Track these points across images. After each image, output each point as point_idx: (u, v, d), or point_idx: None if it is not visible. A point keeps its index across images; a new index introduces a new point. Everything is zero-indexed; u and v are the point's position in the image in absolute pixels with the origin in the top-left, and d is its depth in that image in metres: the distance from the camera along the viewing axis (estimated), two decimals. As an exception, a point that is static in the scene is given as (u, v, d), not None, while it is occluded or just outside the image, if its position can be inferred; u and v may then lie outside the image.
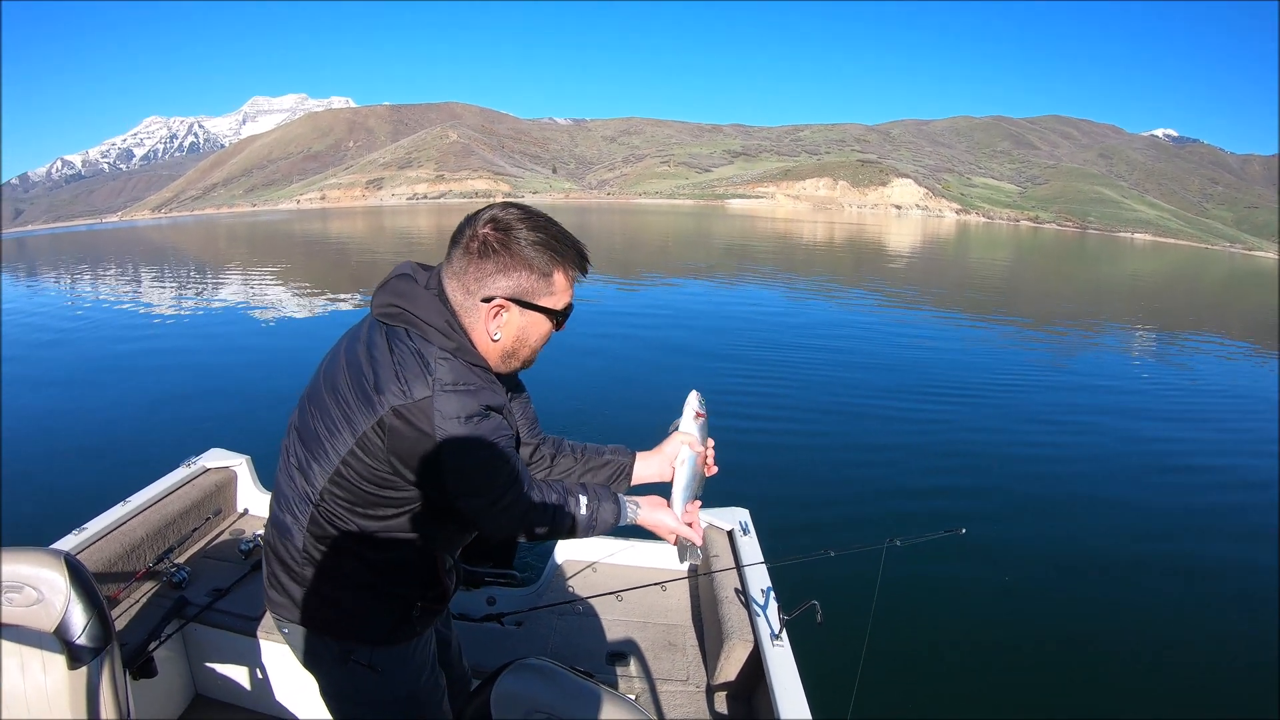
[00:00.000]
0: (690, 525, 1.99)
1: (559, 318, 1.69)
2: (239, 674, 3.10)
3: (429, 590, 1.88)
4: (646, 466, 2.11)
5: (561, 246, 1.62)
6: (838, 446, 9.18)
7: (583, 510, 1.81)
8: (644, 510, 1.95)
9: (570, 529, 1.80)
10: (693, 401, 2.10)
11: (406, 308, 1.61)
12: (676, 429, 2.11)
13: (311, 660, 1.90)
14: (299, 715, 3.10)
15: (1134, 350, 17.67)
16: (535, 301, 1.63)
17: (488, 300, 1.61)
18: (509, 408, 1.73)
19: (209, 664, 3.13)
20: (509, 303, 1.61)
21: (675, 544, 2.04)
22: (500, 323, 1.63)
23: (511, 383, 1.94)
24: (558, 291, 1.65)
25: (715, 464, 2.09)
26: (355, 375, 1.60)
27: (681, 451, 2.06)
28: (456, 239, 1.63)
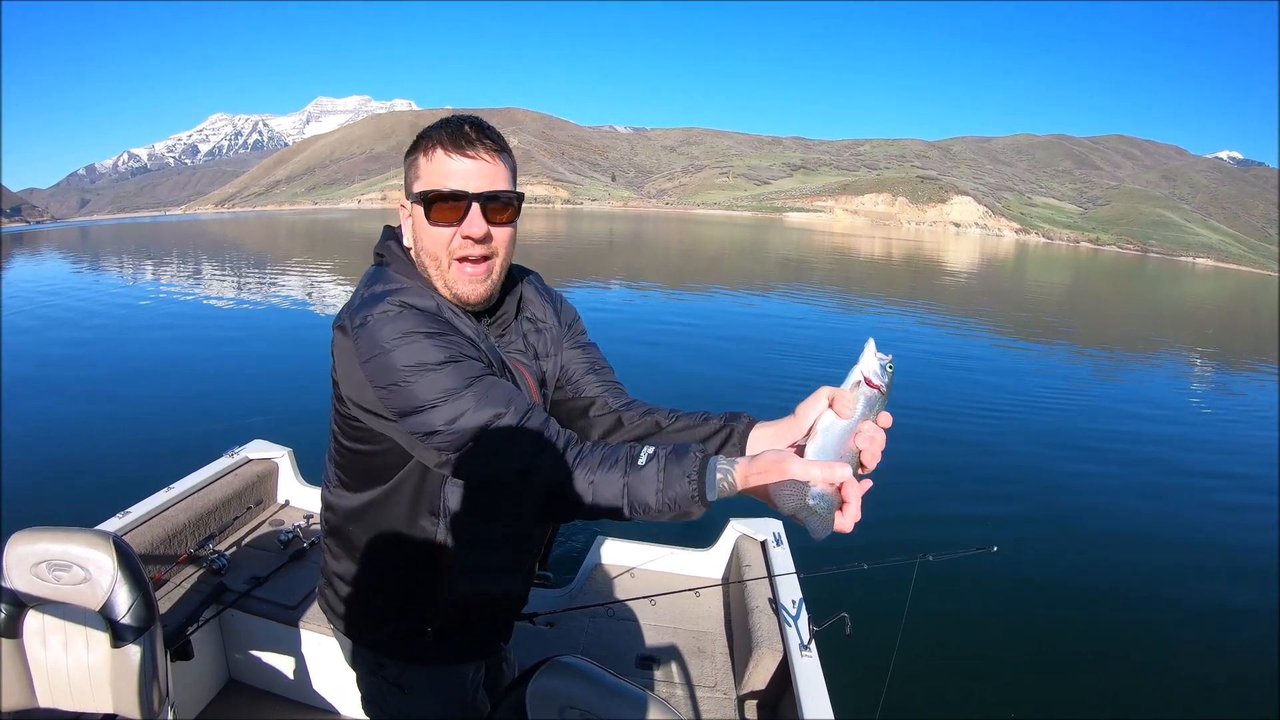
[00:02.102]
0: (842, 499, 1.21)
1: (423, 200, 1.42)
2: (272, 661, 3.14)
3: (428, 606, 1.65)
4: (770, 437, 1.41)
5: (431, 130, 1.46)
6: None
7: (641, 462, 1.23)
8: (750, 463, 1.19)
9: (618, 497, 1.23)
10: (868, 360, 1.31)
11: (377, 246, 1.58)
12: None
13: (350, 663, 1.83)
14: (330, 705, 3.15)
15: (1188, 377, 17.29)
16: (412, 190, 1.47)
17: (400, 205, 1.55)
18: (481, 332, 1.51)
19: (244, 650, 3.18)
20: (406, 202, 1.50)
21: (792, 509, 1.18)
22: (406, 229, 1.53)
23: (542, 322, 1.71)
24: (422, 173, 1.43)
25: (876, 456, 1.28)
26: None
27: (825, 416, 1.28)
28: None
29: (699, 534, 3.91)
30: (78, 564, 1.98)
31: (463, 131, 1.42)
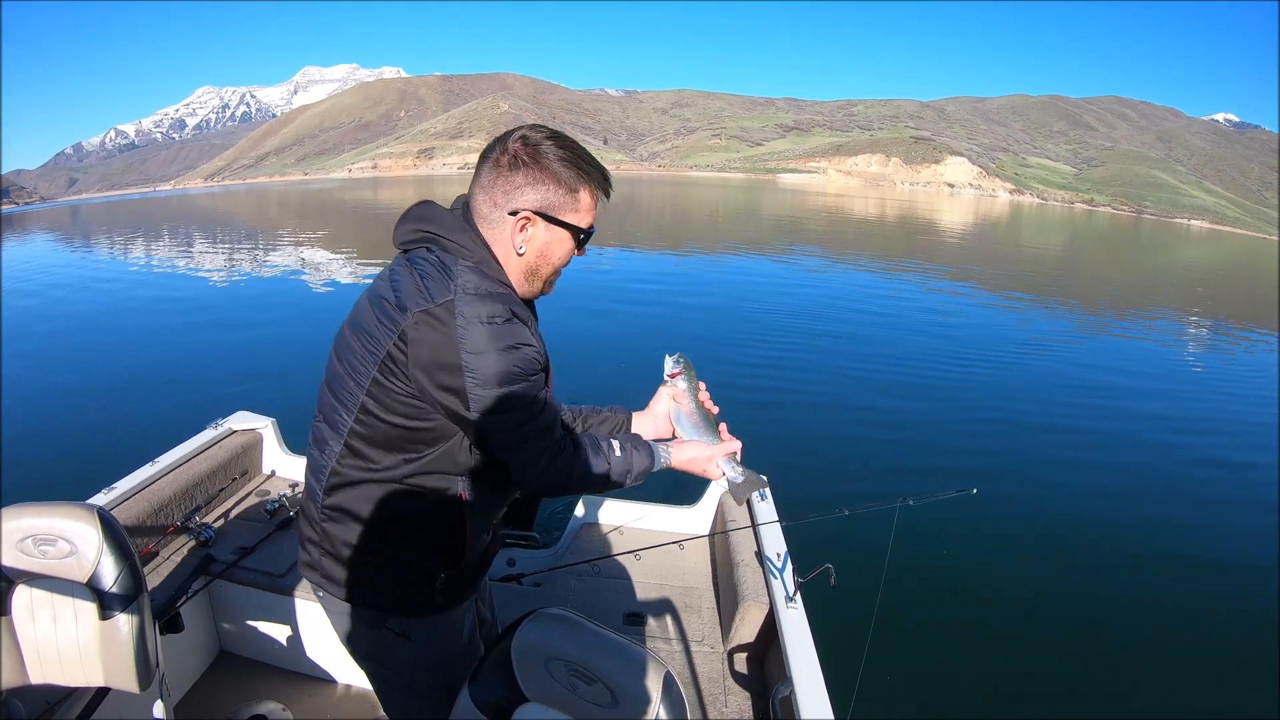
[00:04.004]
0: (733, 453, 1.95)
1: (582, 236, 1.65)
2: (263, 630, 3.16)
3: (452, 561, 1.77)
4: (642, 425, 2.07)
5: (588, 166, 1.60)
6: (856, 410, 9.51)
7: (616, 453, 1.75)
8: (675, 450, 1.88)
9: (605, 477, 1.73)
10: (667, 365, 2.06)
11: (428, 228, 1.61)
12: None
13: (343, 623, 1.86)
14: (322, 671, 3.17)
15: (1175, 337, 17.35)
16: (561, 216, 1.60)
17: (514, 213, 1.59)
18: (539, 334, 1.67)
19: (234, 620, 3.20)
20: (535, 216, 1.58)
21: (719, 477, 1.96)
22: (526, 236, 1.61)
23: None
24: (582, 209, 1.62)
25: (713, 403, 2.03)
26: (377, 304, 1.57)
27: (673, 406, 2.03)
28: (486, 156, 1.62)
29: (684, 491, 3.90)
30: (63, 537, 2.00)
31: (608, 183, 1.66)
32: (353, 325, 1.64)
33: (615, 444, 1.77)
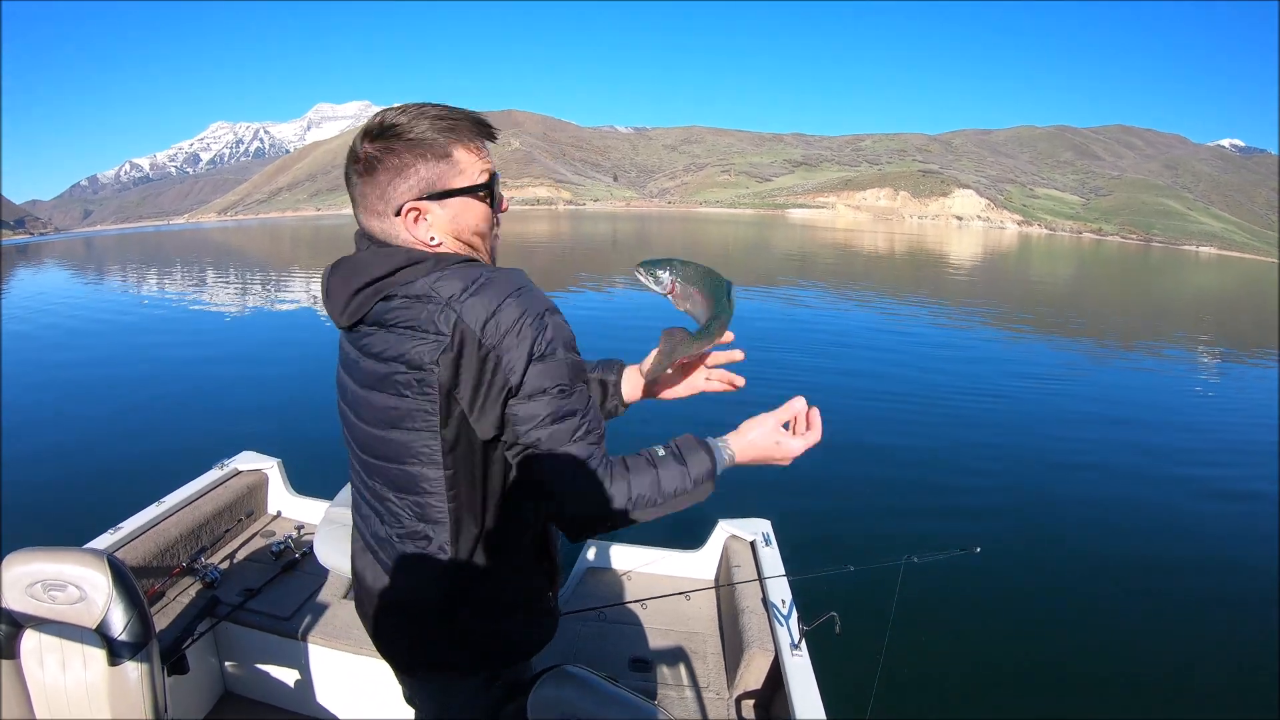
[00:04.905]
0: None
1: (482, 192, 1.46)
2: (268, 673, 3.15)
3: (548, 567, 1.68)
4: (632, 383, 1.87)
5: (446, 122, 1.40)
6: (861, 452, 9.34)
7: (674, 467, 1.44)
8: (735, 441, 1.57)
9: (671, 496, 1.43)
10: (657, 282, 1.70)
11: (367, 282, 1.41)
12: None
13: (445, 707, 1.71)
14: (326, 714, 3.14)
15: (1183, 366, 17.17)
16: (446, 187, 1.41)
17: (399, 213, 1.40)
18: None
19: (239, 662, 3.19)
20: (421, 203, 1.40)
21: (790, 459, 1.61)
22: (427, 225, 1.42)
23: None
24: (465, 167, 1.42)
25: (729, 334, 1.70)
26: (380, 380, 1.42)
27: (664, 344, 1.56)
28: (347, 177, 1.47)
29: (688, 535, 3.93)
30: (73, 583, 1.99)
31: (481, 123, 1.46)
32: (359, 416, 1.50)
33: (658, 449, 1.47)
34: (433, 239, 1.43)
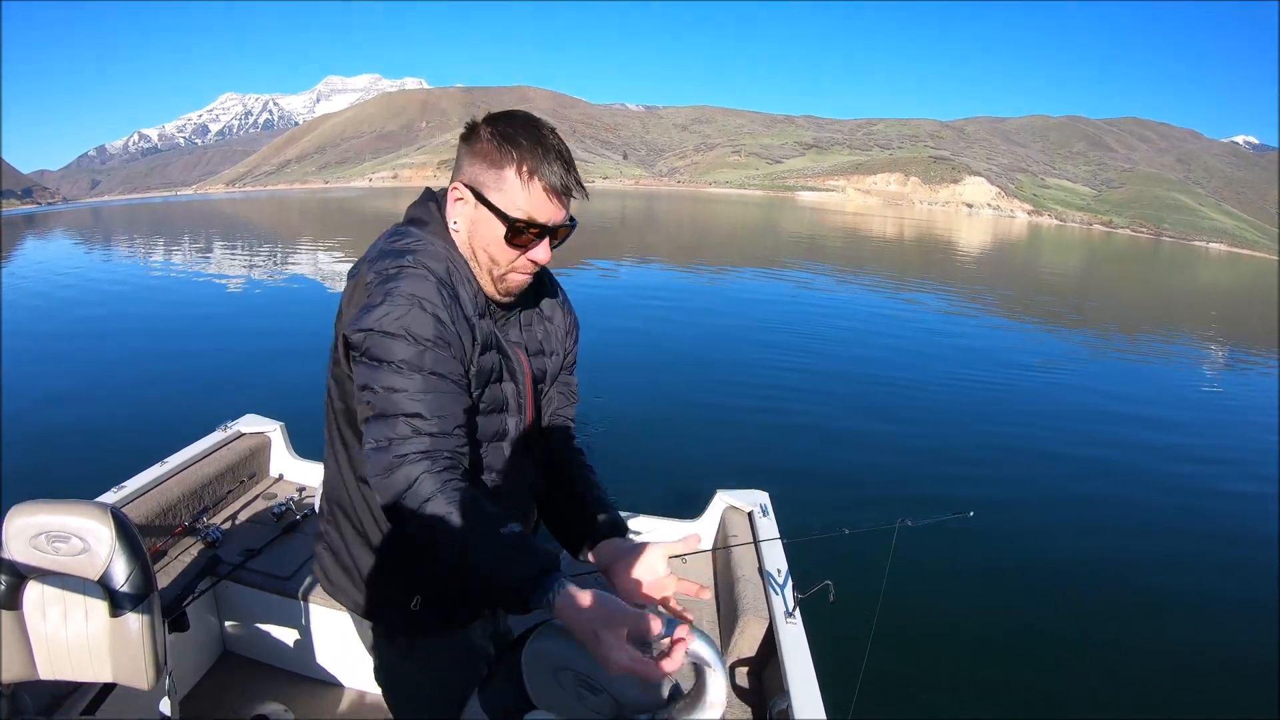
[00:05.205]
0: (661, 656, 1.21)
1: (510, 224, 1.41)
2: (267, 631, 3.19)
3: (431, 577, 1.63)
4: (605, 555, 1.62)
5: (524, 142, 1.37)
6: (861, 430, 9.53)
7: (504, 531, 1.28)
8: (575, 595, 1.24)
9: (453, 549, 1.27)
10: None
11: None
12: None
13: (359, 634, 1.80)
14: (325, 673, 3.19)
15: (1187, 362, 17.15)
16: (485, 195, 1.41)
17: (451, 185, 1.48)
18: (481, 307, 1.48)
19: (239, 621, 3.23)
20: (464, 189, 1.43)
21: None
22: (457, 211, 1.47)
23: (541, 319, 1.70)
24: (509, 191, 1.39)
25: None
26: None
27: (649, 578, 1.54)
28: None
29: (687, 505, 4.00)
30: (76, 535, 2.00)
31: (568, 176, 1.40)
32: None
33: (511, 527, 1.30)
34: (455, 224, 1.47)
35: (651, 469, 7.80)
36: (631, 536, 1.50)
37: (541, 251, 1.46)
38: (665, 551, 1.55)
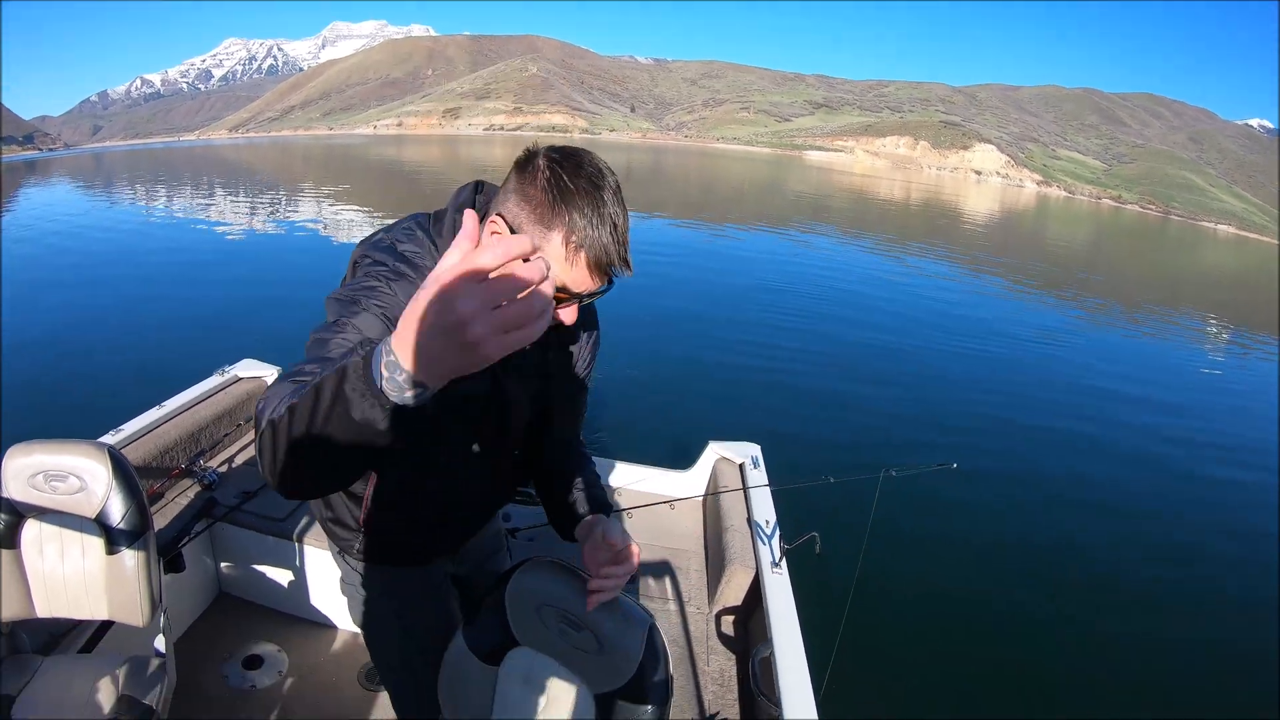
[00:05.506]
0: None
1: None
2: (262, 573, 3.22)
3: (364, 524, 1.68)
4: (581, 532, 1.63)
5: (580, 204, 1.17)
6: (852, 387, 9.79)
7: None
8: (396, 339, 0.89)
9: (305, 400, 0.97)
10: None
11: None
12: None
13: (346, 580, 1.88)
14: (319, 615, 3.23)
15: (1186, 341, 17.32)
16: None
17: (492, 210, 1.27)
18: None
19: (234, 562, 3.27)
20: (503, 225, 1.21)
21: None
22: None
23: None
24: (549, 254, 1.19)
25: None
26: None
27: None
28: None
29: (680, 456, 4.02)
30: (74, 474, 2.03)
31: (617, 252, 1.20)
32: None
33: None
34: None
35: (646, 420, 7.96)
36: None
37: (567, 315, 1.28)
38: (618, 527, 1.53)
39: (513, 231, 1.19)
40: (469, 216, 0.84)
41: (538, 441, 1.75)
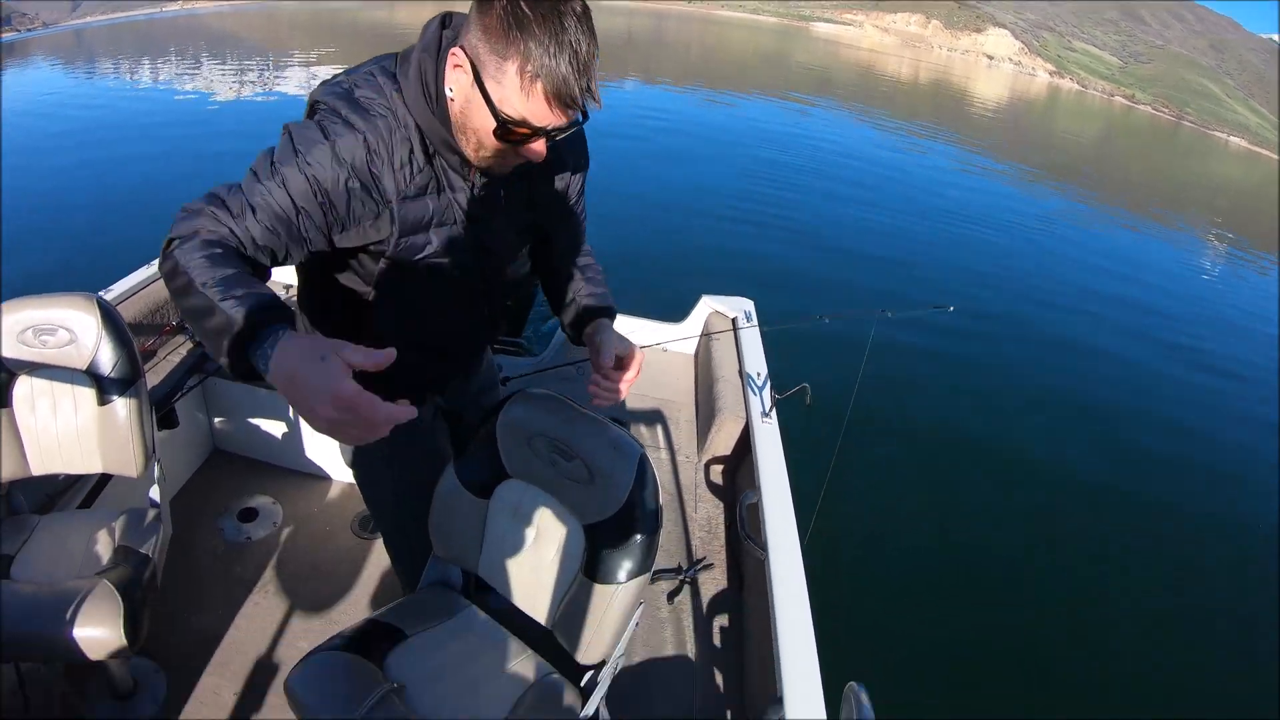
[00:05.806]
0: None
1: (501, 122, 1.20)
2: (257, 426, 3.22)
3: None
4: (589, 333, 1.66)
5: (536, 32, 1.11)
6: (848, 250, 10.01)
7: (220, 293, 1.09)
8: (285, 343, 1.03)
9: (201, 292, 1.10)
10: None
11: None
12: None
13: None
14: (312, 466, 3.25)
15: (1186, 245, 17.54)
16: (481, 76, 1.18)
17: (453, 46, 1.23)
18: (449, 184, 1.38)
19: (227, 417, 3.26)
20: (464, 58, 1.19)
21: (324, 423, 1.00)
22: (454, 79, 1.24)
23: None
24: (505, 86, 1.16)
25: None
26: None
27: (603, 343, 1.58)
28: None
29: (673, 308, 4.05)
30: (63, 326, 2.05)
31: (578, 83, 1.15)
32: None
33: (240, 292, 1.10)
34: (450, 91, 1.26)
35: (641, 273, 8.02)
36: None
37: (534, 150, 1.26)
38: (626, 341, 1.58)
39: (473, 65, 1.17)
40: (386, 355, 0.99)
41: (546, 262, 1.71)
